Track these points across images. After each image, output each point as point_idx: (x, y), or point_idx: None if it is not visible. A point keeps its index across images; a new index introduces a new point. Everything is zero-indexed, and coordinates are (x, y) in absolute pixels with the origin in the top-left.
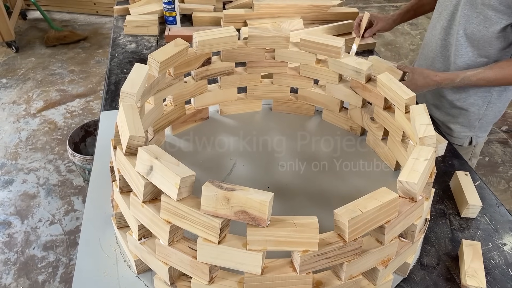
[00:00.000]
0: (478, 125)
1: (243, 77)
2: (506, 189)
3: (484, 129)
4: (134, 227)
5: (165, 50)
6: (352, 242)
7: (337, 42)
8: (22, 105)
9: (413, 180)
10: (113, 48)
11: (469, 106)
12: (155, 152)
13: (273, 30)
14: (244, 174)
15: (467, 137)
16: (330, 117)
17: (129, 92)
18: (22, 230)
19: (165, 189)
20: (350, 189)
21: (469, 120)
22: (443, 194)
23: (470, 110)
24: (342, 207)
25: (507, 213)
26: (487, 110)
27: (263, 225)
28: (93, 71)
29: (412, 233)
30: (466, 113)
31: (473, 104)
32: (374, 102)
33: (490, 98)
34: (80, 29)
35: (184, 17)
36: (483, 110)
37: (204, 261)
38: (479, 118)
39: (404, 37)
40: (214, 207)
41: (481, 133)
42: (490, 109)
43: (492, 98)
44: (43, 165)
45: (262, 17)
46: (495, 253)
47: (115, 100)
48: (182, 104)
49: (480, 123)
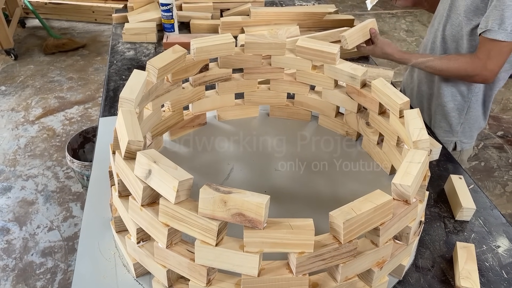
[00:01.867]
0: (461, 130)
1: (240, 83)
2: (502, 193)
3: (469, 135)
4: (133, 231)
5: (163, 56)
6: (347, 244)
7: (332, 49)
8: (21, 112)
9: (406, 183)
10: (111, 55)
11: (449, 111)
12: (154, 156)
13: (269, 37)
14: (241, 178)
15: (450, 142)
16: (326, 122)
17: (128, 98)
18: (20, 236)
19: (163, 192)
20: (345, 192)
21: (451, 125)
22: (437, 198)
23: (451, 114)
24: (337, 209)
25: (500, 216)
26: (468, 115)
27: (260, 227)
28: (92, 78)
29: (407, 235)
30: (448, 118)
31: (453, 109)
32: (369, 107)
33: (469, 103)
34: (79, 36)
35: (182, 24)
36: (463, 115)
37: (202, 263)
38: (460, 123)
39: (400, 44)
40: (211, 210)
41: (466, 139)
42: (470, 113)
43: (471, 103)
44: (42, 171)
45: (259, 24)
46: (489, 255)
47: (114, 107)
48: (180, 110)
49: (462, 128)
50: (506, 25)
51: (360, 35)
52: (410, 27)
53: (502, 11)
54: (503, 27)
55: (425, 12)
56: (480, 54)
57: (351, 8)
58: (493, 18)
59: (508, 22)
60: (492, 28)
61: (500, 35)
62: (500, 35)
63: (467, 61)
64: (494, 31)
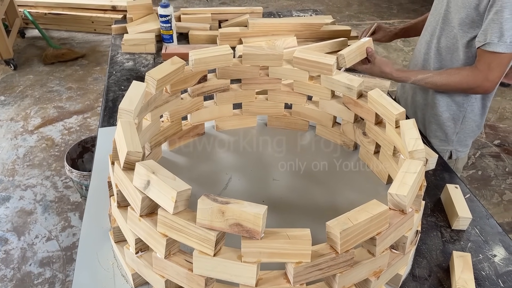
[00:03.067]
0: (456, 139)
1: (238, 93)
2: (499, 202)
3: (464, 144)
4: (131, 241)
5: (162, 68)
6: (344, 254)
7: (329, 60)
8: (20, 122)
9: (402, 193)
10: (111, 66)
11: (445, 121)
12: (152, 167)
13: (267, 48)
14: (239, 188)
15: (446, 151)
16: (324, 132)
17: (127, 109)
18: (18, 246)
19: (161, 203)
20: (343, 202)
21: (446, 134)
22: (434, 207)
23: (446, 124)
24: (334, 219)
25: (496, 225)
26: (463, 124)
27: (257, 237)
28: (91, 88)
29: (403, 245)
30: (443, 128)
31: (449, 119)
32: (366, 117)
33: (465, 113)
34: (78, 47)
35: (181, 35)
36: (459, 125)
37: (200, 273)
38: (456, 132)
39: (397, 53)
40: (209, 220)
41: (461, 147)
42: (466, 123)
43: (467, 113)
44: (40, 181)
45: (257, 35)
46: (486, 264)
47: (113, 117)
48: (178, 120)
49: (457, 137)
50: (506, 37)
51: (357, 54)
52: None
53: (501, 24)
54: (502, 40)
55: None
56: (480, 66)
57: (348, 18)
58: (491, 31)
59: (508, 35)
60: (492, 41)
61: (500, 48)
62: (500, 48)
63: (468, 74)
64: (494, 44)
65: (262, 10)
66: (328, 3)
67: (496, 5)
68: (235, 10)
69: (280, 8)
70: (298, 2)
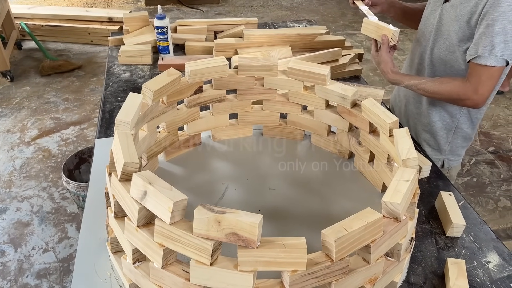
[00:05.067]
0: (448, 149)
1: (234, 104)
2: (495, 209)
3: (456, 153)
4: (129, 251)
5: (158, 79)
6: (339, 262)
7: (322, 70)
8: (17, 134)
9: (396, 201)
10: (107, 77)
11: (437, 131)
12: (149, 178)
13: (262, 59)
14: (236, 198)
15: (438, 160)
16: (319, 141)
17: (123, 121)
18: (15, 258)
19: (158, 213)
20: (338, 210)
21: (439, 144)
22: (428, 214)
23: (439, 134)
24: (329, 227)
25: (490, 232)
26: (455, 135)
27: (253, 246)
28: (88, 99)
29: (398, 252)
30: (436, 137)
31: (441, 128)
32: (360, 126)
33: (457, 123)
34: (75, 58)
35: (177, 46)
36: (451, 135)
37: (197, 283)
38: (448, 142)
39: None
40: (205, 230)
41: (453, 157)
42: (457, 133)
43: (459, 123)
44: (37, 192)
45: (252, 46)
46: (480, 271)
47: (110, 128)
48: (175, 131)
49: (450, 147)
50: (496, 51)
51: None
52: (401, 46)
53: (491, 37)
54: (493, 53)
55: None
56: (471, 79)
57: (343, 27)
58: (483, 45)
59: (498, 48)
60: (483, 55)
61: (491, 61)
62: (490, 61)
63: (459, 84)
64: (485, 57)
65: (257, 21)
66: (323, 13)
67: (487, 19)
68: (230, 21)
69: (275, 19)
70: (293, 13)
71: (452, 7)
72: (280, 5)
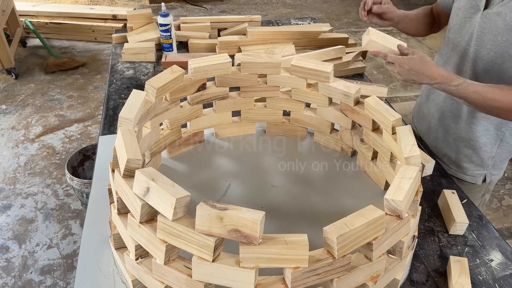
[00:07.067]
0: (492, 163)
1: (237, 101)
2: (499, 207)
3: (499, 167)
4: (131, 248)
5: (162, 76)
6: (341, 259)
7: (326, 68)
8: (21, 131)
9: (398, 198)
10: (111, 75)
11: (481, 146)
12: (152, 174)
13: (265, 57)
14: (238, 195)
15: (481, 175)
16: (322, 139)
17: (127, 117)
18: (19, 254)
19: (161, 209)
20: (340, 207)
21: (482, 159)
22: (431, 212)
23: (483, 149)
24: (331, 224)
25: (493, 230)
26: (500, 149)
27: (255, 243)
28: (91, 96)
29: (400, 250)
30: (479, 153)
31: (485, 144)
32: (363, 124)
33: (503, 137)
34: (79, 55)
35: (181, 44)
36: (496, 149)
37: (199, 279)
38: (492, 157)
39: None
40: (208, 226)
41: (495, 170)
42: (502, 147)
43: (505, 137)
44: (41, 189)
45: (255, 43)
46: (482, 269)
47: (113, 125)
48: (178, 128)
49: (493, 161)
50: None
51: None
52: None
53: None
54: None
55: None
56: None
57: (347, 25)
58: None
59: None
60: None
61: None
62: None
63: None
64: None
65: (261, 18)
66: (327, 11)
67: None
68: (234, 19)
69: (278, 16)
70: (297, 10)
71: (498, 15)
72: (284, 2)
